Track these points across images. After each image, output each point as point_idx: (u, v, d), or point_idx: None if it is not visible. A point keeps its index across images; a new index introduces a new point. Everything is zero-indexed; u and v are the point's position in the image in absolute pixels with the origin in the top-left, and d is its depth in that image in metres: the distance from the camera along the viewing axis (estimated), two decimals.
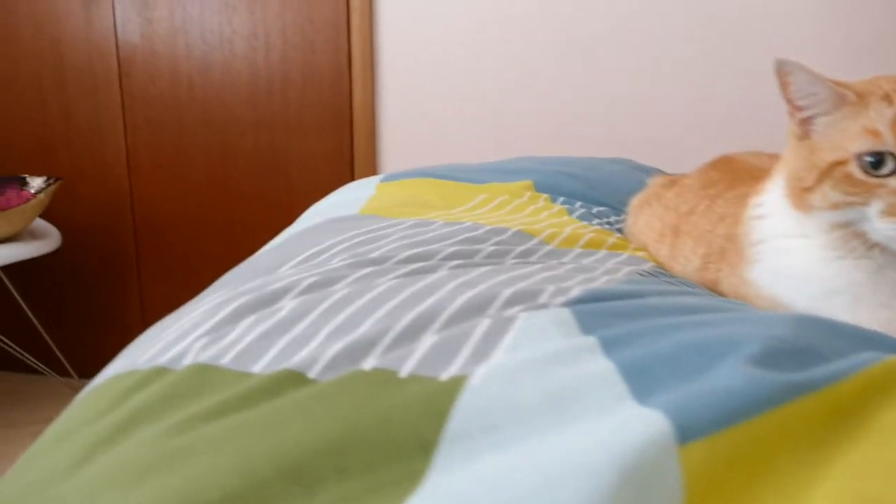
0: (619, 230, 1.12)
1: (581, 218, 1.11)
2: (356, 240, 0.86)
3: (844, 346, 0.48)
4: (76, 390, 2.53)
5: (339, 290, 0.62)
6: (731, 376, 0.39)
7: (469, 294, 0.59)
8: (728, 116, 2.12)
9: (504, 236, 0.91)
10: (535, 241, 0.92)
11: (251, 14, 2.38)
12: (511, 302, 0.58)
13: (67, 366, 2.54)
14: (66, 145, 2.51)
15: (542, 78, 2.23)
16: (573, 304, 0.58)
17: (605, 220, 1.16)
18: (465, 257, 0.81)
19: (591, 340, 0.47)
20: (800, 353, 0.44)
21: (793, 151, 0.72)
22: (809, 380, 0.39)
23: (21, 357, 2.55)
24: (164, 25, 2.40)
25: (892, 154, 0.63)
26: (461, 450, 0.39)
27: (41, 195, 2.13)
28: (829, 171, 0.66)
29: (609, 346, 0.46)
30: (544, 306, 0.56)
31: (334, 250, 0.83)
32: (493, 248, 0.86)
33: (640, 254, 0.97)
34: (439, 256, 0.80)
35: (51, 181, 2.17)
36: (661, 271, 0.83)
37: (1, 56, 2.47)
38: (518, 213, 1.08)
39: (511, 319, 0.52)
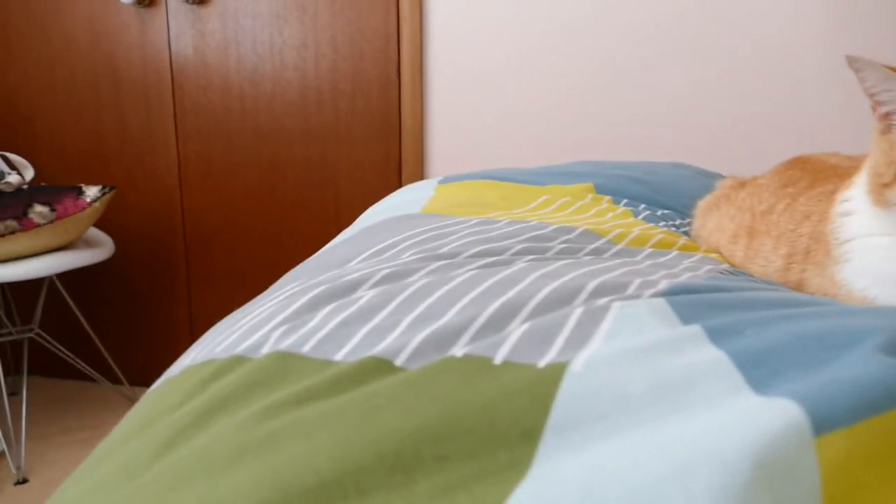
0: (686, 233, 1.09)
1: (647, 220, 1.08)
2: (423, 236, 0.84)
3: None
4: (127, 397, 2.56)
5: (417, 281, 0.60)
6: (864, 366, 0.36)
7: (554, 285, 0.56)
8: (781, 122, 2.07)
9: (572, 235, 0.89)
10: (603, 240, 0.90)
11: (301, 25, 2.40)
12: (598, 293, 0.55)
13: (119, 373, 2.57)
14: (119, 156, 2.56)
15: (590, 86, 2.21)
16: (663, 295, 0.55)
17: (671, 222, 1.12)
18: (537, 253, 0.79)
19: (696, 329, 0.44)
20: None
21: (875, 146, 0.70)
22: None
23: (74, 363, 2.59)
24: (216, 38, 2.44)
25: None
26: (569, 438, 0.36)
27: (96, 204, 2.17)
28: None
29: (716, 336, 0.43)
30: (636, 297, 0.53)
31: (402, 245, 0.81)
32: (562, 245, 0.83)
33: (712, 255, 0.94)
34: (510, 252, 0.78)
35: (106, 190, 2.21)
36: (740, 272, 0.80)
37: (60, 69, 2.53)
38: (582, 213, 1.05)
39: (605, 308, 0.49)
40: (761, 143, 2.11)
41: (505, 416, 0.38)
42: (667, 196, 1.23)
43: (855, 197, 0.72)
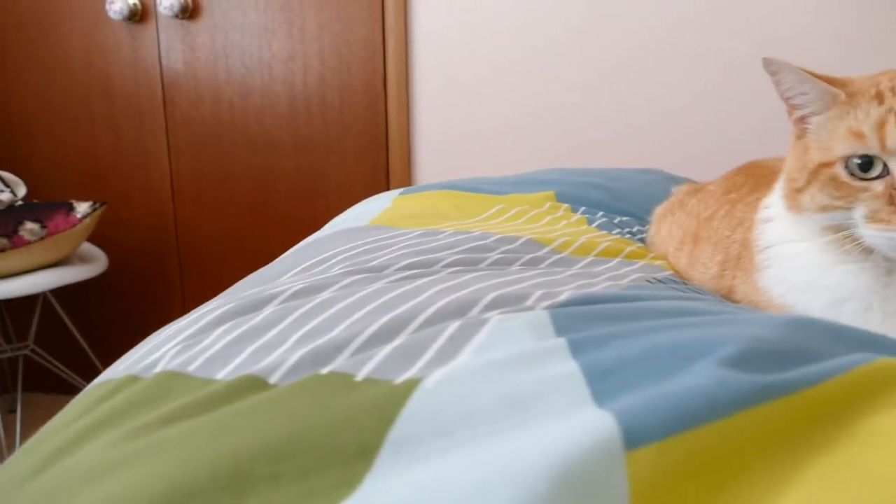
0: (642, 240, 1.08)
1: (601, 227, 1.08)
2: (359, 249, 0.84)
3: (842, 348, 0.43)
4: None
5: (321, 297, 0.61)
6: (698, 378, 0.36)
7: (449, 298, 0.56)
8: (764, 129, 2.05)
9: (514, 245, 0.88)
10: (546, 249, 0.89)
11: (289, 38, 2.42)
12: (492, 305, 0.55)
13: None
14: (113, 171, 2.59)
15: (576, 95, 2.20)
16: (558, 307, 0.55)
17: (628, 229, 1.12)
18: (468, 265, 0.79)
19: (560, 342, 0.44)
20: (785, 355, 0.40)
21: (791, 151, 0.70)
22: (786, 381, 0.36)
23: (69, 379, 2.62)
24: (205, 52, 2.46)
25: (878, 157, 0.60)
26: (405, 454, 0.36)
27: (87, 220, 2.19)
28: (817, 173, 0.64)
29: (578, 348, 0.43)
30: (527, 309, 0.53)
31: (336, 259, 0.81)
32: (500, 255, 0.83)
33: (658, 262, 0.93)
34: (441, 264, 0.78)
35: (96, 206, 2.23)
36: (675, 279, 0.79)
37: (55, 86, 2.57)
38: (535, 222, 1.05)
39: (483, 322, 0.49)
40: (751, 151, 2.09)
41: (348, 433, 0.38)
42: (629, 203, 1.22)
43: (775, 204, 0.71)
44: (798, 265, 0.66)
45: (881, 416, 0.35)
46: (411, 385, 0.41)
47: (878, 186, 0.60)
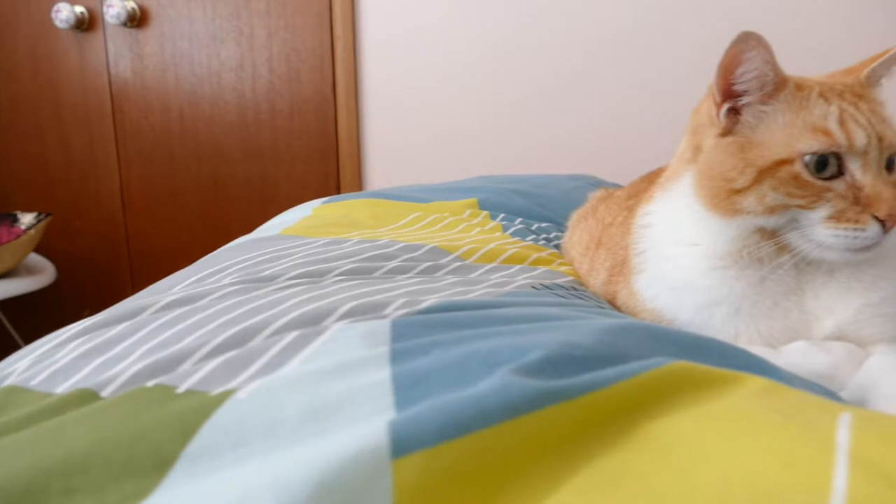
0: (557, 246, 1.09)
1: (516, 234, 1.08)
2: (259, 258, 0.84)
3: (661, 352, 0.44)
4: None
5: (189, 307, 0.60)
6: (485, 385, 0.36)
7: (306, 308, 0.56)
8: None
9: (417, 253, 0.89)
10: (450, 256, 0.90)
11: (238, 46, 2.41)
12: (348, 314, 0.55)
13: None
14: (62, 181, 2.56)
15: (524, 103, 2.22)
16: (414, 314, 0.55)
17: (545, 235, 1.12)
18: (362, 273, 0.79)
19: (384, 351, 0.44)
20: (590, 360, 0.40)
21: (717, 151, 0.64)
22: (569, 386, 0.36)
23: None
24: (154, 60, 2.44)
25: (836, 155, 0.59)
26: (200, 466, 0.36)
27: (32, 231, 2.16)
28: (771, 171, 0.60)
29: (398, 357, 0.43)
30: (379, 317, 0.53)
31: (232, 269, 0.81)
32: (399, 263, 0.83)
33: (563, 268, 0.94)
34: (334, 273, 0.78)
35: (41, 217, 2.21)
36: (565, 285, 0.79)
37: (1, 96, 2.54)
38: (449, 230, 1.05)
39: (321, 332, 0.49)
40: None
41: (147, 446, 0.38)
42: (552, 209, 1.23)
43: (654, 211, 0.71)
44: (671, 269, 0.67)
45: (661, 421, 0.35)
46: (224, 396, 0.41)
47: (840, 186, 0.59)
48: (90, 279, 2.61)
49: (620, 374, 0.37)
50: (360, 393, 0.40)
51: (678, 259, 0.66)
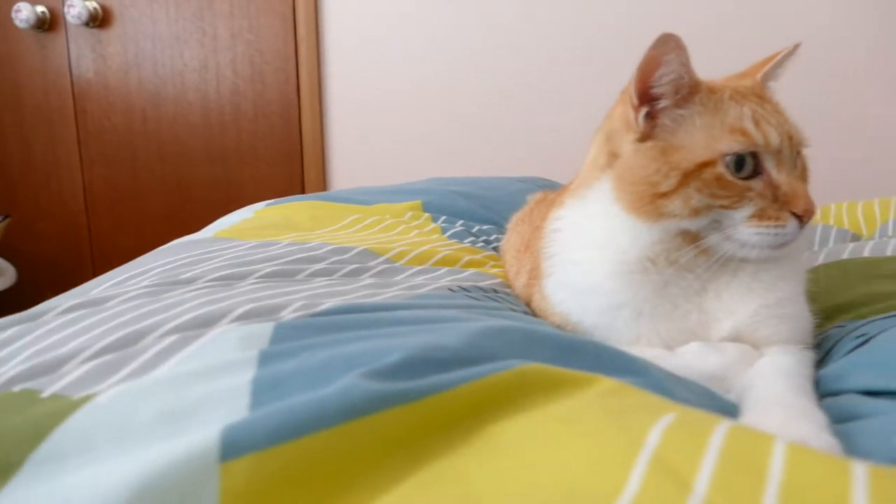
0: (497, 248, 1.09)
1: (455, 236, 1.09)
2: (183, 261, 0.84)
3: (534, 355, 0.44)
4: None
5: (84, 311, 0.60)
6: (330, 388, 0.36)
7: (202, 310, 0.56)
8: None
9: (346, 255, 0.89)
10: (380, 259, 0.90)
11: (201, 47, 2.40)
12: (241, 317, 0.55)
13: None
14: (24, 183, 2.53)
15: (490, 104, 2.22)
16: (308, 317, 0.55)
17: (485, 237, 1.13)
18: (284, 275, 0.79)
19: (253, 354, 0.44)
20: (458, 363, 0.41)
21: (637, 156, 0.63)
22: (412, 389, 0.36)
23: None
24: (116, 61, 2.43)
25: (753, 155, 0.60)
26: (42, 472, 0.36)
27: None
28: (696, 173, 0.60)
29: (266, 360, 0.43)
30: (268, 320, 0.53)
31: (153, 272, 0.81)
32: (325, 266, 0.83)
33: (495, 270, 0.94)
34: (255, 275, 0.78)
35: (2, 218, 2.19)
36: (488, 287, 0.80)
37: None
38: (386, 232, 1.05)
39: (200, 335, 0.49)
40: None
41: None
42: (496, 211, 1.23)
43: (565, 216, 0.71)
44: (578, 273, 0.67)
45: (504, 423, 0.35)
46: (84, 401, 0.41)
47: (758, 185, 0.60)
48: (52, 281, 2.59)
49: (468, 376, 0.37)
50: (218, 396, 0.40)
51: (585, 263, 0.67)
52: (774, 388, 0.49)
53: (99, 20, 2.40)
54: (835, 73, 1.99)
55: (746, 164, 0.60)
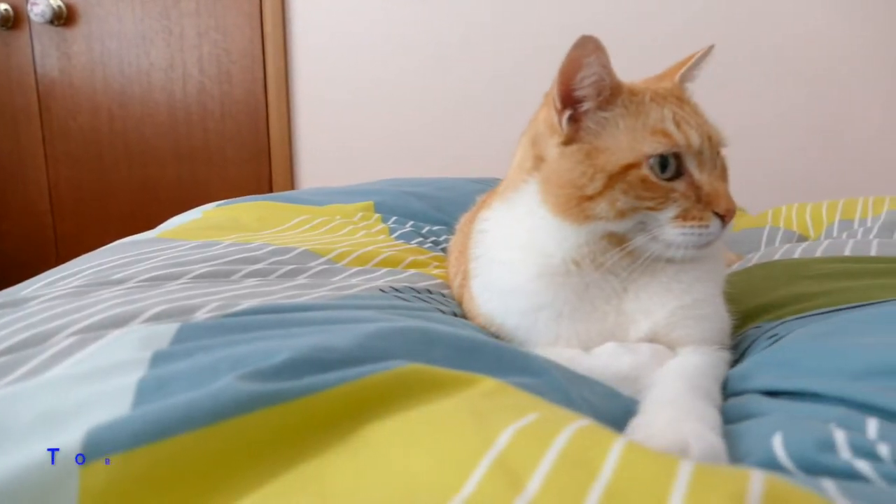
0: (444, 249, 1.10)
1: (402, 237, 1.09)
2: (118, 262, 0.83)
3: (430, 356, 0.44)
4: None
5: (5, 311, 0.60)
6: (207, 389, 0.36)
7: (118, 310, 0.56)
8: None
9: (286, 256, 0.89)
10: (320, 259, 0.90)
11: (168, 46, 2.38)
12: (153, 317, 0.55)
13: None
14: None
15: (458, 103, 2.23)
16: (223, 317, 0.55)
17: (434, 238, 1.13)
18: (219, 276, 0.78)
19: (147, 355, 0.44)
20: (345, 363, 0.41)
21: (562, 159, 0.63)
22: (288, 389, 0.36)
23: None
24: (82, 59, 2.40)
25: (675, 156, 0.60)
26: None
27: None
28: (622, 175, 0.60)
29: (159, 361, 0.43)
30: (178, 321, 0.53)
31: (87, 272, 0.80)
32: (262, 266, 0.83)
33: (437, 271, 0.95)
34: (188, 276, 0.77)
35: None
36: (422, 289, 0.80)
37: None
38: (332, 233, 1.05)
39: (102, 336, 0.49)
40: None
41: None
42: (448, 212, 1.24)
43: (491, 218, 0.72)
44: (502, 274, 0.67)
45: (379, 423, 0.36)
46: None
47: (681, 186, 0.60)
48: (17, 282, 2.55)
49: (345, 377, 0.38)
50: (101, 398, 0.39)
51: (509, 265, 0.67)
52: (671, 388, 0.49)
53: (63, 18, 2.38)
54: (800, 78, 2.02)
55: (669, 166, 0.60)
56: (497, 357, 0.47)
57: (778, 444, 0.38)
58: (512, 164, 0.73)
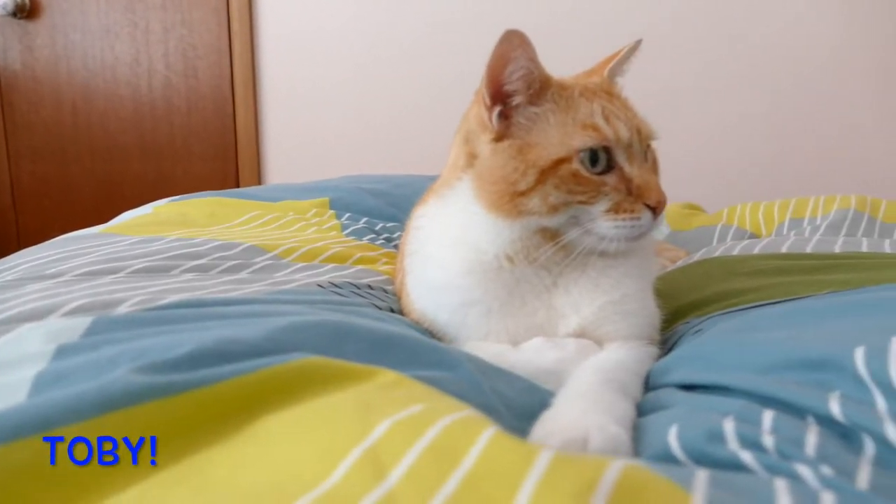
0: (396, 246, 1.10)
1: (354, 233, 1.09)
2: (56, 256, 0.82)
3: (343, 350, 0.44)
4: None
5: None
6: (101, 381, 0.36)
7: (37, 304, 0.55)
8: None
9: (230, 252, 0.88)
10: (266, 255, 0.89)
11: (133, 40, 2.36)
12: (71, 311, 0.54)
13: None
14: None
15: (426, 98, 2.22)
16: (145, 311, 0.55)
17: (387, 235, 1.13)
18: (156, 271, 0.78)
19: (51, 348, 0.43)
20: (249, 356, 0.40)
21: (494, 156, 0.63)
22: (178, 382, 0.36)
23: None
24: (45, 53, 2.37)
25: (605, 149, 0.61)
26: None
27: None
28: (553, 170, 0.60)
29: (63, 354, 0.43)
30: (97, 314, 0.53)
31: (24, 266, 0.79)
32: (204, 262, 0.83)
33: (385, 268, 0.94)
34: (126, 270, 0.77)
35: None
36: (363, 284, 0.80)
37: None
38: (282, 229, 1.05)
39: (10, 329, 0.48)
40: None
41: None
42: (403, 209, 1.23)
43: (425, 214, 0.72)
44: (434, 270, 0.67)
45: (274, 415, 0.36)
46: None
47: (612, 179, 0.61)
48: None
49: (241, 369, 0.37)
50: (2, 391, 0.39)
51: (441, 260, 0.67)
52: (584, 382, 0.50)
53: (26, 11, 2.34)
54: (763, 80, 2.04)
55: (600, 159, 0.61)
56: (412, 351, 0.47)
57: (673, 437, 0.39)
58: (447, 161, 0.73)
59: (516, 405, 0.47)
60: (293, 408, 0.36)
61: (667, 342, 0.66)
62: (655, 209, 0.61)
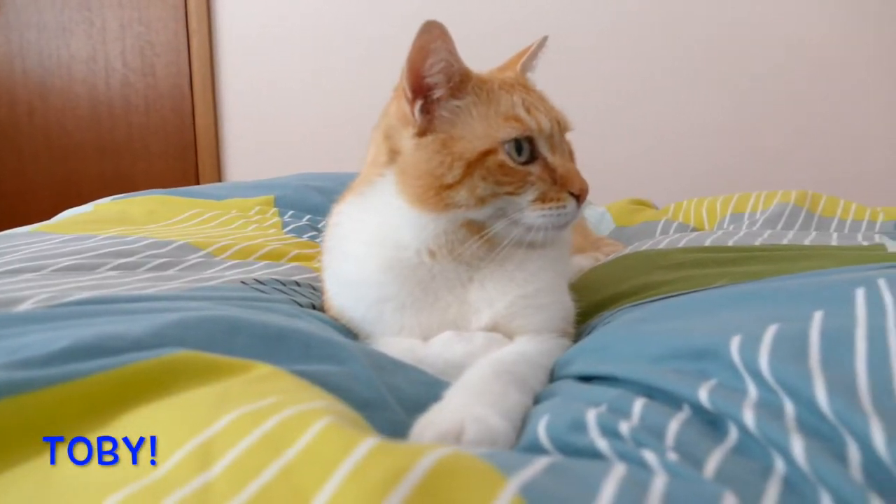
0: None
1: (295, 231, 1.09)
2: None
3: (237, 345, 0.45)
4: None
5: None
6: None
7: None
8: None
9: (163, 249, 0.88)
10: (199, 252, 0.89)
11: (89, 38, 2.33)
12: None
13: None
14: None
15: (384, 96, 2.21)
16: (46, 308, 0.54)
17: None
18: (80, 269, 0.77)
19: None
20: (129, 352, 0.41)
21: (419, 151, 0.63)
22: (47, 376, 0.36)
23: None
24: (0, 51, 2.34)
25: (528, 140, 0.62)
26: None
27: None
28: (480, 162, 0.60)
29: None
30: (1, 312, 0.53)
31: None
32: (134, 259, 0.82)
33: (314, 266, 0.95)
34: (50, 268, 0.76)
35: None
36: (289, 282, 0.80)
37: None
38: (222, 227, 1.05)
39: None
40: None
41: None
42: None
43: (343, 211, 0.72)
44: (351, 266, 0.67)
45: (145, 408, 0.36)
46: None
47: (537, 169, 0.61)
48: None
49: (107, 364, 0.37)
50: None
51: (358, 257, 0.67)
52: (478, 374, 0.50)
53: None
54: (720, 79, 2.07)
55: (524, 150, 0.62)
56: (304, 345, 0.47)
57: (542, 427, 0.39)
58: (366, 159, 0.73)
59: (410, 399, 0.47)
60: (159, 402, 0.36)
61: (581, 335, 0.67)
62: (579, 197, 0.62)
